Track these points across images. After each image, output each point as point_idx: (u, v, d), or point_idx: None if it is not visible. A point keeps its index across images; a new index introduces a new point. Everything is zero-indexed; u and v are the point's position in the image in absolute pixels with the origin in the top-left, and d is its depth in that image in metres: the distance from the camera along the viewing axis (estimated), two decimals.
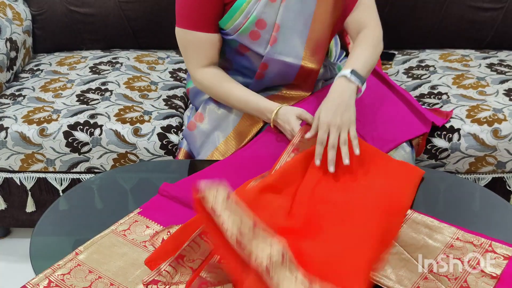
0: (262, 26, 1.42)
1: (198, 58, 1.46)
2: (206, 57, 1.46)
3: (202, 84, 1.48)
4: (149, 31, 2.17)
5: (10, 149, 1.72)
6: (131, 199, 1.31)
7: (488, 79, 1.86)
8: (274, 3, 1.40)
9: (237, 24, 1.41)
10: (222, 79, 1.47)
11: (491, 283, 0.99)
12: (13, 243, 2.02)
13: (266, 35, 1.43)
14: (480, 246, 1.06)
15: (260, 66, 1.47)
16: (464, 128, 1.66)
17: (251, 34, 1.42)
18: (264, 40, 1.44)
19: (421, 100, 1.79)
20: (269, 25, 1.42)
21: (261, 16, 1.41)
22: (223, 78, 1.47)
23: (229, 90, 1.45)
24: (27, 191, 1.81)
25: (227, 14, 1.41)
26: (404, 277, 1.00)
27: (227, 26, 1.42)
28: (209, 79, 1.47)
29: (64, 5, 2.13)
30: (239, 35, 1.42)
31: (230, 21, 1.41)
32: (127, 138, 1.70)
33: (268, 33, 1.43)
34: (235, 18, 1.41)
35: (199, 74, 1.47)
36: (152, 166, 1.58)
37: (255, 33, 1.42)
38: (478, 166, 1.70)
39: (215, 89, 1.47)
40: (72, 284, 1.00)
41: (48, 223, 1.21)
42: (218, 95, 1.48)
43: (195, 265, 1.01)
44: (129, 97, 1.84)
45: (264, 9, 1.40)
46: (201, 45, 1.44)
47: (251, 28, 1.41)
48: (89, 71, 2.00)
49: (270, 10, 1.41)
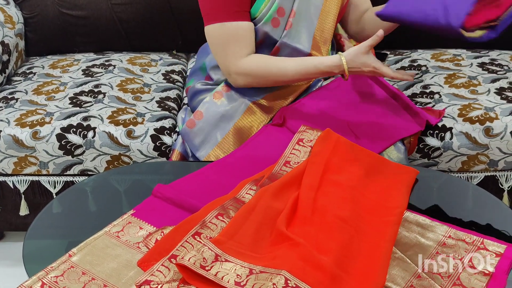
0: (282, 14, 1.49)
1: (241, 49, 1.45)
2: (248, 45, 1.46)
3: (250, 71, 1.46)
4: (142, 33, 2.17)
5: (3, 152, 1.71)
6: (124, 200, 1.31)
7: (479, 78, 1.87)
8: None
9: (264, 13, 1.46)
10: (268, 57, 1.47)
11: (484, 280, 1.00)
12: (7, 247, 2.01)
13: (283, 22, 1.49)
14: (472, 244, 1.06)
15: (272, 51, 1.51)
16: (456, 127, 1.67)
17: (272, 21, 1.48)
18: (281, 27, 1.50)
19: (413, 99, 1.80)
20: (287, 12, 1.50)
21: (281, 4, 1.48)
22: (268, 57, 1.47)
23: (282, 62, 1.45)
24: (21, 194, 1.81)
25: (256, 3, 1.46)
26: (398, 276, 1.01)
27: (258, 14, 1.47)
28: (256, 62, 1.45)
29: (56, 8, 2.13)
30: (263, 24, 1.47)
31: (259, 9, 1.46)
32: (121, 140, 1.70)
33: (285, 20, 1.49)
34: (263, 7, 1.46)
35: (244, 64, 1.45)
36: (146, 168, 1.58)
37: (276, 20, 1.48)
38: (470, 165, 1.71)
39: (267, 69, 1.45)
40: (66, 286, 1.00)
41: (41, 226, 1.21)
42: (271, 73, 1.46)
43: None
44: (122, 99, 1.84)
45: None
46: (243, 33, 1.45)
47: (273, 15, 1.47)
48: (82, 74, 2.00)
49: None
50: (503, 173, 1.74)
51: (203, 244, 1.00)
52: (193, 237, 1.02)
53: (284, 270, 0.95)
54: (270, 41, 1.51)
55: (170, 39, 2.19)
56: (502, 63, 1.97)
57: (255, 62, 1.46)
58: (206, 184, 1.28)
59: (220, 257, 0.97)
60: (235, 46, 1.44)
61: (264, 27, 1.48)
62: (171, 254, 0.99)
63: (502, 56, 2.03)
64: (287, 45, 1.50)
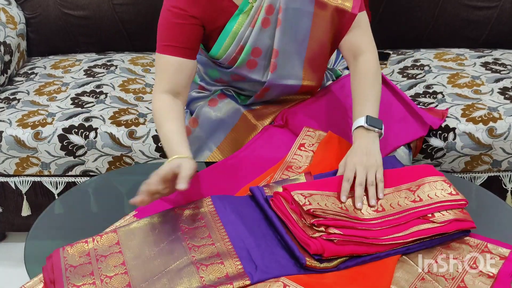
0: (258, 54, 1.40)
1: (163, 82, 1.34)
2: (170, 81, 1.34)
3: (154, 108, 1.34)
4: (144, 33, 2.16)
5: (5, 153, 1.71)
6: (126, 202, 1.30)
7: (483, 78, 1.86)
8: (267, 28, 1.37)
9: (230, 53, 1.39)
10: (166, 110, 1.31)
11: (488, 282, 0.99)
12: (9, 248, 2.01)
13: (262, 61, 1.41)
14: (476, 247, 1.06)
15: (261, 90, 1.45)
16: (459, 127, 1.66)
17: (248, 64, 1.41)
18: (261, 67, 1.42)
19: (416, 99, 1.79)
20: (264, 51, 1.40)
21: (256, 44, 1.38)
22: (170, 109, 1.31)
23: (162, 123, 1.30)
24: (23, 195, 1.80)
25: (217, 41, 1.38)
26: (401, 279, 1.00)
27: (220, 55, 1.39)
28: (160, 104, 1.32)
29: (58, 8, 2.13)
30: (237, 68, 1.41)
31: (221, 49, 1.39)
32: (122, 141, 1.69)
33: (264, 59, 1.41)
34: (226, 46, 1.38)
35: (155, 98, 1.34)
36: (148, 169, 1.57)
37: (252, 62, 1.41)
38: (473, 165, 1.70)
39: (156, 117, 1.33)
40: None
41: (43, 227, 1.20)
42: (156, 122, 1.33)
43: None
44: (124, 100, 1.84)
45: (258, 37, 1.37)
46: (169, 68, 1.34)
47: (247, 58, 1.39)
48: (83, 74, 1.99)
49: (264, 36, 1.38)
50: (507, 173, 1.73)
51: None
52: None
53: (283, 277, 0.97)
54: (253, 81, 1.43)
55: None
56: (505, 63, 1.96)
57: (160, 103, 1.32)
58: (208, 186, 1.27)
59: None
60: (159, 77, 1.35)
61: (240, 70, 1.41)
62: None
63: (505, 55, 2.02)
64: (276, 85, 1.43)
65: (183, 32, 1.33)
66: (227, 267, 1.00)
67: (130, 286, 0.97)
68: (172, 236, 1.07)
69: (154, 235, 1.08)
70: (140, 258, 1.03)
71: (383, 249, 1.03)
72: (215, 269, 0.99)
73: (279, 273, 0.99)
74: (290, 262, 1.02)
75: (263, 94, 1.48)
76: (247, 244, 1.04)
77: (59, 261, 1.02)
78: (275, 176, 1.26)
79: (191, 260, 1.01)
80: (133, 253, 1.04)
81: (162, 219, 1.11)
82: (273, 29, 1.37)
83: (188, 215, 1.12)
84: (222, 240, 1.05)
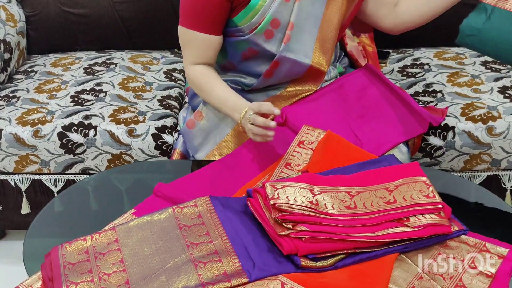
0: (276, 25, 1.44)
1: (192, 56, 1.47)
2: (200, 56, 1.47)
3: (191, 79, 1.50)
4: (144, 31, 2.16)
5: (5, 150, 1.71)
6: (125, 199, 1.31)
7: (482, 77, 1.86)
8: (288, 2, 1.43)
9: (252, 23, 1.43)
10: (209, 76, 1.47)
11: (486, 281, 0.99)
12: (8, 245, 2.01)
13: (279, 34, 1.45)
14: (474, 246, 1.06)
15: (271, 65, 1.47)
16: (458, 126, 1.66)
17: (265, 33, 1.44)
18: (276, 39, 1.46)
19: (416, 98, 1.79)
20: (282, 24, 1.44)
21: (276, 15, 1.43)
22: (210, 75, 1.47)
23: (212, 87, 1.46)
24: (22, 192, 1.80)
25: (241, 13, 1.42)
26: (399, 277, 1.00)
27: (242, 23, 1.44)
28: (196, 75, 1.48)
29: (57, 6, 2.13)
30: (254, 35, 1.44)
31: (245, 19, 1.43)
32: (122, 139, 1.69)
33: (281, 32, 1.45)
34: (250, 16, 1.43)
35: (190, 70, 1.49)
36: (147, 167, 1.58)
37: (269, 32, 1.44)
38: (473, 164, 1.70)
39: (200, 85, 1.48)
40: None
41: (42, 224, 1.21)
42: (202, 90, 1.48)
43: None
44: (124, 98, 1.84)
45: (279, 9, 1.42)
46: (198, 44, 1.45)
47: (266, 27, 1.43)
48: (83, 72, 1.99)
49: (284, 9, 1.43)
50: (506, 172, 1.73)
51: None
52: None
53: (281, 276, 0.97)
54: (266, 54, 1.48)
55: (171, 37, 2.16)
56: None
57: (196, 73, 1.48)
58: (207, 184, 1.28)
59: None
60: (189, 51, 1.48)
61: (256, 38, 1.45)
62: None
63: None
64: (287, 58, 1.47)
65: (211, 8, 1.40)
66: (225, 264, 1.00)
67: (128, 283, 0.97)
68: (170, 234, 1.07)
69: (152, 233, 1.08)
70: (139, 255, 1.03)
71: (361, 246, 1.02)
72: (213, 267, 0.99)
73: (277, 271, 0.99)
74: (288, 260, 1.02)
75: (271, 72, 1.49)
76: (245, 242, 1.05)
77: (57, 259, 1.02)
78: (274, 174, 1.26)
79: (189, 257, 1.02)
80: (131, 250, 1.04)
81: (160, 217, 1.11)
82: (292, 3, 1.43)
83: (186, 213, 1.12)
84: (220, 238, 1.05)
